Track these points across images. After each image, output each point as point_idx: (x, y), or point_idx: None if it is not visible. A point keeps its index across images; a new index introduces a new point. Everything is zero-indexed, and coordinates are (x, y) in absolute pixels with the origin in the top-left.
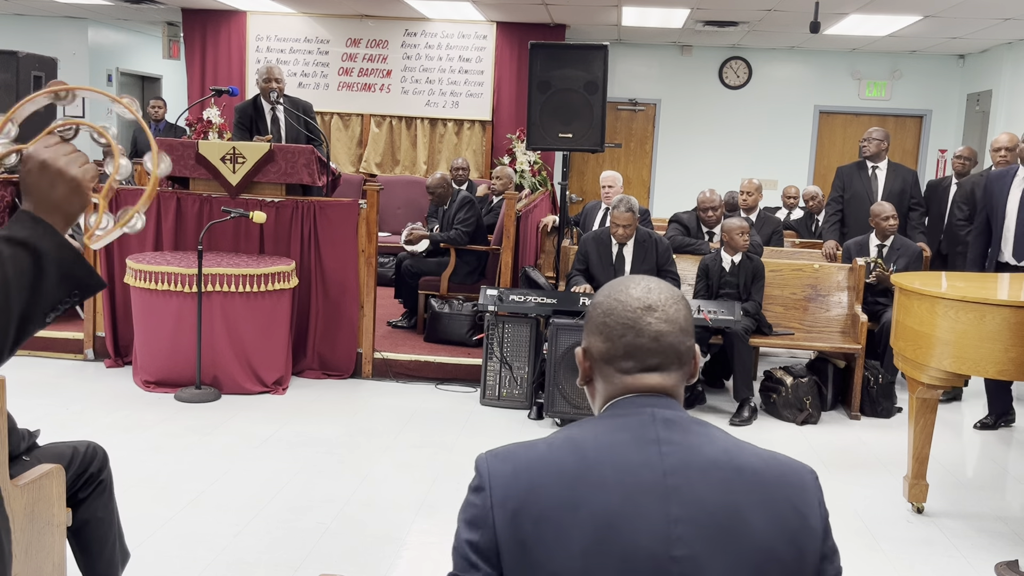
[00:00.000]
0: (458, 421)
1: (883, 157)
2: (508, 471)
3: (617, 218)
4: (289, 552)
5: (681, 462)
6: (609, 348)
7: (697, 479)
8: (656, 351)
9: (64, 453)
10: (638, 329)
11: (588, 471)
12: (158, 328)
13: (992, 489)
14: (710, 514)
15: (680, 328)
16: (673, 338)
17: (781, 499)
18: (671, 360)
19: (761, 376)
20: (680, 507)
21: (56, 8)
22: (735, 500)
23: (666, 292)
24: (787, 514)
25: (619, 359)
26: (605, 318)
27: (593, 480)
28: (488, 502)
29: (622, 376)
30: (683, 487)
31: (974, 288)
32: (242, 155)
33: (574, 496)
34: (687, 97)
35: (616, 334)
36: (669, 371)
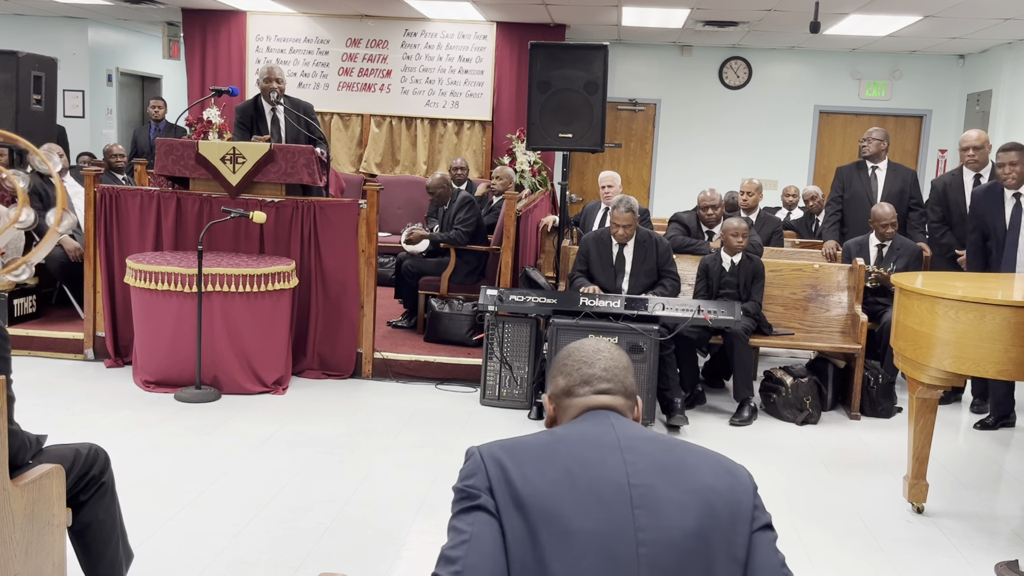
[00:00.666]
0: (458, 421)
1: (883, 157)
2: (494, 444)
3: (617, 218)
4: (289, 552)
5: (632, 436)
6: (568, 382)
7: (645, 444)
8: (606, 379)
9: (66, 455)
10: (591, 362)
11: (559, 440)
12: (158, 328)
13: (992, 489)
14: (658, 460)
15: (624, 368)
16: (620, 372)
17: (717, 464)
18: (619, 388)
19: (761, 376)
20: (633, 455)
21: (56, 8)
22: (679, 456)
23: (613, 347)
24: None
25: (576, 387)
26: (565, 360)
27: (563, 442)
28: (479, 459)
29: (579, 399)
30: (635, 447)
31: (974, 288)
32: (242, 155)
33: (549, 451)
34: (687, 97)
35: (574, 369)
36: (617, 395)
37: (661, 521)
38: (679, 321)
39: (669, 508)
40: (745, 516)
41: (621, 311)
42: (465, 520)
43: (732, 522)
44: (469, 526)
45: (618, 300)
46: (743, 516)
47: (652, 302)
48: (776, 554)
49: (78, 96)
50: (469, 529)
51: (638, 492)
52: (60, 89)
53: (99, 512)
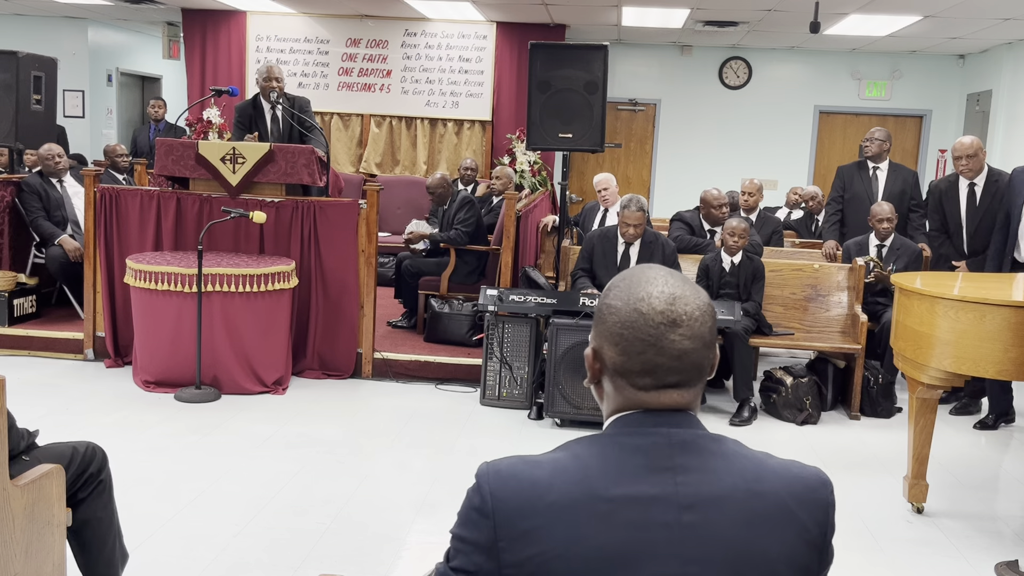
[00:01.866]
0: (458, 421)
1: (884, 158)
2: (511, 497)
3: (628, 217)
4: (289, 552)
5: (697, 493)
6: (625, 362)
7: (713, 513)
8: (678, 369)
9: (64, 453)
10: (660, 347)
11: (596, 502)
12: (158, 328)
13: (992, 489)
14: (724, 549)
15: (705, 343)
16: (697, 356)
17: (796, 527)
18: (693, 377)
19: (761, 376)
20: (695, 546)
21: (56, 8)
22: (751, 536)
23: (692, 302)
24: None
25: (635, 375)
26: (623, 330)
27: (601, 512)
28: (492, 532)
29: (636, 392)
30: (698, 523)
31: (974, 288)
32: (242, 155)
33: (582, 531)
34: (687, 97)
35: (634, 350)
36: (690, 387)
37: None
38: None
39: None
40: None
41: None
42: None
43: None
44: None
45: None
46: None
47: None
48: None
49: (78, 96)
50: None
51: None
52: (60, 89)
53: (97, 510)
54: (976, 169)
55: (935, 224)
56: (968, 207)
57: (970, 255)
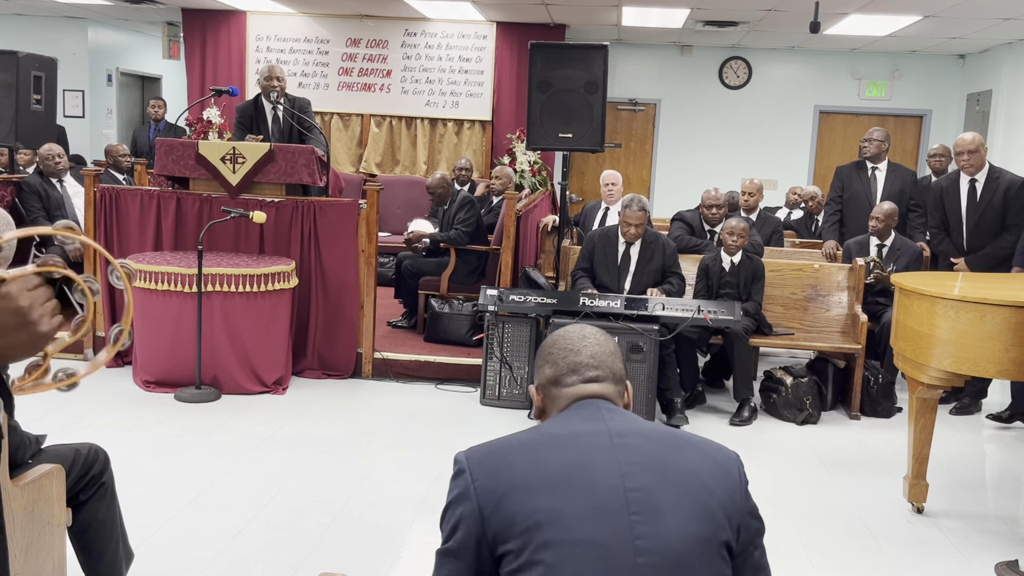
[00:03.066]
0: (458, 421)
1: (883, 158)
2: (482, 454)
3: (629, 217)
4: (289, 552)
5: (624, 429)
6: (555, 371)
7: (639, 440)
8: (594, 366)
9: (66, 455)
10: (577, 350)
11: (549, 439)
12: (158, 328)
13: (992, 489)
14: (653, 458)
15: (612, 352)
16: (607, 357)
17: (711, 459)
18: (608, 374)
19: (761, 376)
20: (627, 454)
21: (56, 8)
22: (673, 451)
23: (600, 333)
24: (716, 470)
25: (564, 376)
26: (551, 348)
27: (553, 444)
28: (468, 479)
29: (567, 389)
30: (628, 444)
31: (974, 288)
32: (242, 155)
33: (537, 457)
34: (687, 97)
35: (560, 357)
36: (606, 382)
37: (659, 528)
38: (679, 321)
39: (667, 513)
40: (742, 517)
41: (621, 311)
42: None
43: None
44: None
45: (618, 300)
46: (740, 516)
47: (652, 302)
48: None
49: (78, 96)
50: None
51: (635, 497)
52: (60, 89)
53: (99, 512)
54: (978, 165)
55: (935, 221)
56: (968, 203)
57: (969, 252)
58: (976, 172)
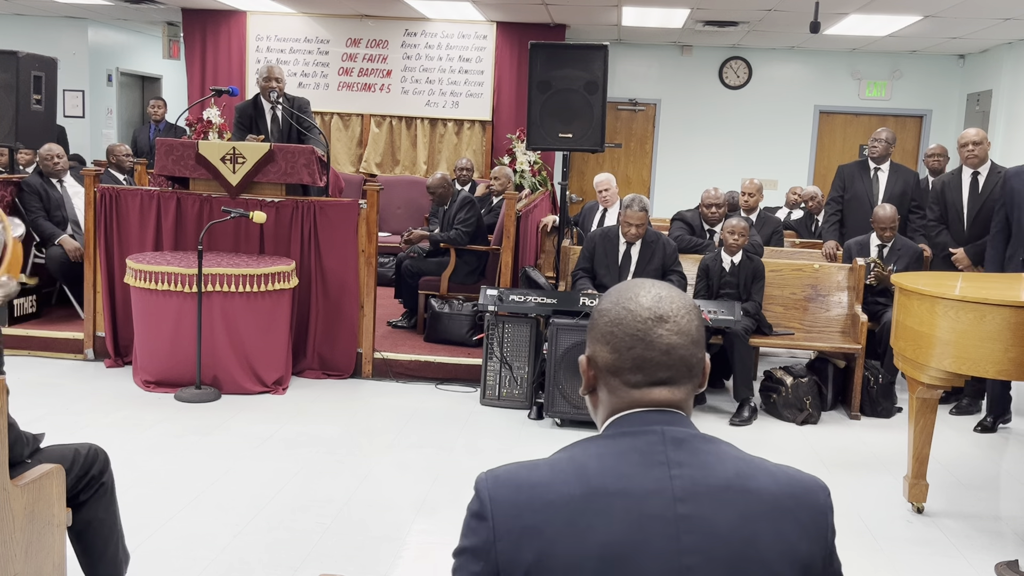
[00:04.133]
0: (458, 421)
1: (887, 159)
2: (509, 499)
3: (630, 217)
4: (289, 552)
5: (692, 486)
6: (616, 359)
7: (708, 506)
8: (667, 364)
9: (66, 455)
10: (648, 341)
11: (594, 498)
12: (158, 328)
13: (992, 489)
14: (722, 543)
15: (692, 340)
16: (685, 351)
17: (793, 525)
18: (682, 374)
19: (761, 376)
20: (691, 537)
21: (56, 8)
22: (747, 529)
23: (678, 301)
24: (798, 542)
25: (627, 372)
26: (612, 327)
27: (599, 508)
28: (491, 534)
29: (629, 390)
30: (694, 515)
31: (974, 288)
32: (242, 155)
33: (579, 527)
34: (687, 97)
35: (624, 345)
36: (679, 385)
37: None
38: None
39: None
40: None
41: None
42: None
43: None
44: None
45: None
46: None
47: None
48: None
49: (78, 96)
50: None
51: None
52: (60, 89)
53: (99, 512)
54: (982, 157)
55: (934, 214)
56: (971, 195)
57: (968, 242)
58: (979, 165)
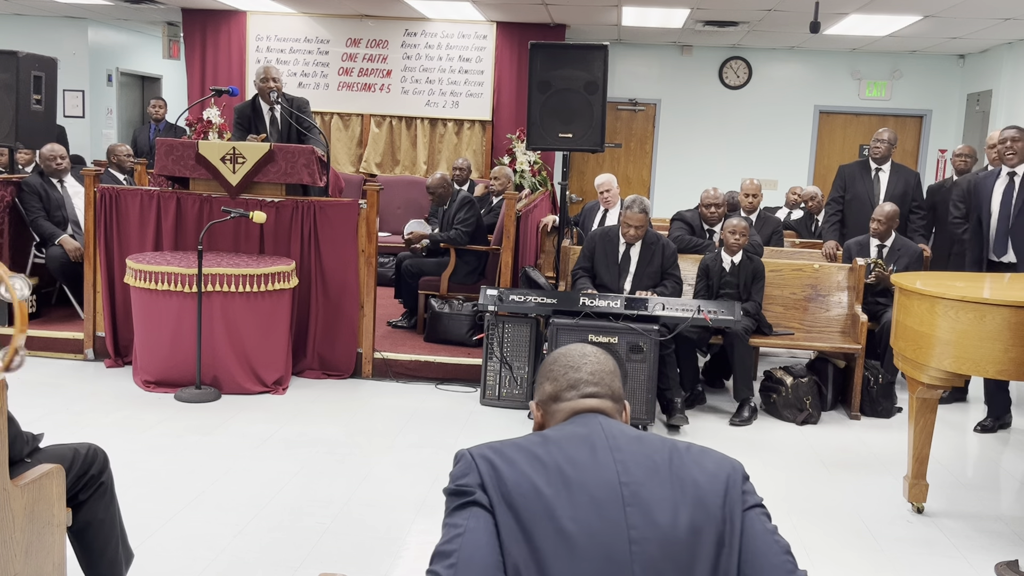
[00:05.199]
0: (458, 421)
1: (888, 159)
2: (484, 446)
3: (630, 219)
4: (289, 552)
5: (620, 435)
6: (555, 387)
7: (635, 443)
8: (593, 382)
9: (65, 455)
10: (577, 367)
11: (548, 440)
12: (158, 328)
13: (992, 489)
14: (648, 458)
15: (611, 371)
16: (606, 376)
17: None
18: (607, 391)
19: (761, 376)
20: (623, 454)
21: (56, 8)
22: (664, 451)
23: (600, 352)
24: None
25: (564, 391)
26: (552, 366)
27: (553, 443)
28: (470, 459)
29: (566, 403)
30: (624, 446)
31: (974, 288)
32: (242, 155)
33: (540, 450)
34: (687, 97)
35: (560, 374)
36: (605, 399)
37: (652, 518)
38: (679, 321)
39: (660, 505)
40: (735, 501)
41: (621, 311)
42: (459, 516)
43: (724, 509)
44: (464, 520)
45: (618, 300)
46: (734, 501)
47: (652, 302)
48: (768, 524)
49: (78, 96)
50: (464, 523)
51: (629, 490)
52: (60, 89)
53: (98, 512)
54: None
55: (960, 213)
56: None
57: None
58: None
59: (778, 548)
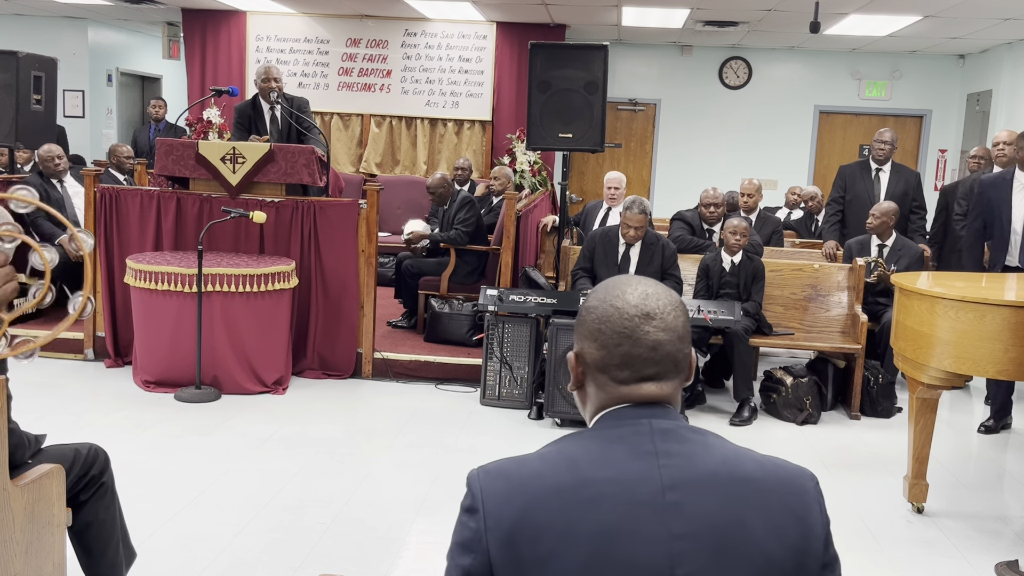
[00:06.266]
0: (458, 421)
1: (889, 159)
2: (501, 490)
3: (630, 219)
4: (289, 552)
5: (680, 475)
6: (604, 356)
7: (697, 492)
8: (654, 360)
9: (66, 455)
10: (635, 338)
11: (584, 487)
12: (158, 328)
13: (992, 489)
14: (711, 528)
15: (679, 336)
16: (671, 347)
17: (781, 508)
18: (669, 369)
19: (761, 376)
20: (680, 523)
21: (56, 8)
22: (735, 512)
23: (664, 298)
24: (787, 524)
25: (614, 368)
26: (600, 325)
27: (589, 496)
28: (481, 525)
29: (617, 386)
30: (683, 502)
31: (974, 288)
32: (242, 155)
33: (570, 515)
34: (687, 97)
35: (612, 342)
36: (666, 380)
37: None
38: None
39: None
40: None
41: None
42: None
43: None
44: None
45: None
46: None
47: None
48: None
49: (78, 96)
50: None
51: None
52: (60, 89)
53: (99, 512)
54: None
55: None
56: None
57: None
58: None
59: None
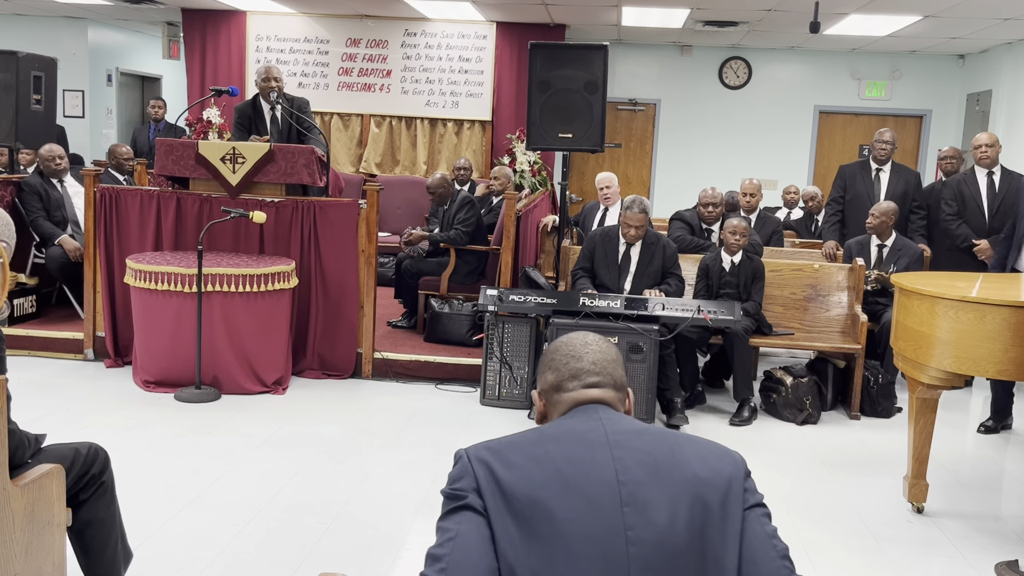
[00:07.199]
0: (458, 421)
1: (889, 159)
2: (482, 446)
3: (630, 219)
4: (289, 552)
5: (620, 428)
6: (557, 376)
7: (634, 439)
8: (595, 372)
9: (66, 455)
10: (579, 356)
11: (547, 438)
12: (158, 328)
13: (992, 489)
14: (647, 454)
15: (613, 360)
16: (609, 364)
17: (707, 447)
18: (609, 380)
19: (761, 376)
20: (622, 451)
21: (56, 8)
22: (667, 447)
23: (602, 340)
24: (711, 456)
25: (566, 381)
26: (553, 355)
27: (552, 440)
28: (467, 461)
29: (568, 394)
30: (624, 442)
31: (974, 288)
32: (242, 155)
33: (538, 450)
34: (687, 97)
35: (562, 364)
36: (607, 388)
37: (650, 518)
38: (679, 321)
39: (658, 504)
40: (736, 499)
41: (621, 311)
42: (452, 519)
43: (724, 508)
44: (455, 524)
45: (618, 300)
46: (735, 499)
47: (652, 302)
48: (767, 526)
49: (78, 96)
50: (455, 527)
51: (627, 490)
52: (60, 89)
53: (99, 511)
54: (994, 159)
55: (952, 210)
56: (988, 191)
57: (990, 234)
58: (993, 165)
59: (775, 553)
